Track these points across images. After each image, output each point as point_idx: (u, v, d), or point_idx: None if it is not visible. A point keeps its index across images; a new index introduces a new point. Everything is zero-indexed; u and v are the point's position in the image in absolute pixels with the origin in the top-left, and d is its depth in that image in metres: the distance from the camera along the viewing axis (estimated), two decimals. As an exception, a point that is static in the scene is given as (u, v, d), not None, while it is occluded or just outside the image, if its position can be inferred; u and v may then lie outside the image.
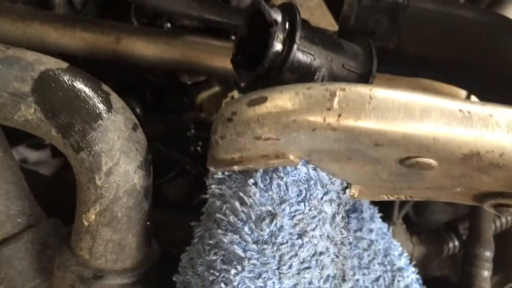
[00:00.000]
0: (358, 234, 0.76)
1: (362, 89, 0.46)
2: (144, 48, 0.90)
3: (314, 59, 0.55)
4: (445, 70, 0.65)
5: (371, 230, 0.77)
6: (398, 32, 0.64)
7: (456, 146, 0.46)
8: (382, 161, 0.50)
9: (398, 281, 0.77)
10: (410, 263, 0.80)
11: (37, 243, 0.64)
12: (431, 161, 0.48)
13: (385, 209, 0.84)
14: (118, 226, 0.56)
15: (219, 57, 0.94)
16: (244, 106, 0.48)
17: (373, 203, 0.80)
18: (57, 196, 0.81)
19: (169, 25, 1.00)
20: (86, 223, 0.56)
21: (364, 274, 0.76)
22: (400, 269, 0.77)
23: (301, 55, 0.54)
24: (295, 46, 0.53)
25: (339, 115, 0.46)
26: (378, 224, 0.78)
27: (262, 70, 0.54)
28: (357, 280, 0.75)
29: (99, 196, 0.55)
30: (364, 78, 0.59)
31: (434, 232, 0.94)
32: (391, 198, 0.62)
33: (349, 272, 0.59)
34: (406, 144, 0.47)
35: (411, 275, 0.79)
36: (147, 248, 0.61)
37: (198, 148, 1.01)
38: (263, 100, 0.47)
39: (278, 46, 0.53)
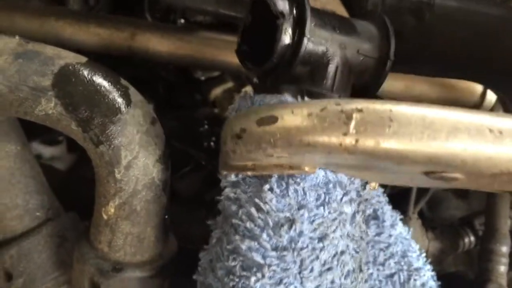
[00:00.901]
0: (376, 238, 0.75)
1: (380, 109, 0.42)
2: (159, 44, 0.90)
3: (327, 49, 0.51)
4: (471, 69, 0.64)
5: (390, 235, 0.76)
6: (425, 31, 0.62)
7: (486, 167, 0.43)
8: (405, 174, 0.48)
9: (415, 280, 0.76)
10: (426, 260, 0.79)
11: (55, 237, 0.65)
12: (458, 175, 0.45)
13: (401, 204, 0.83)
14: (137, 219, 0.57)
15: (232, 53, 0.93)
16: (253, 125, 0.45)
17: (388, 195, 0.79)
18: (72, 191, 0.82)
19: (182, 20, 1.00)
20: (105, 216, 0.57)
21: (378, 270, 0.75)
22: (417, 269, 0.77)
23: (312, 45, 0.50)
24: (305, 39, 0.49)
25: (357, 140, 0.42)
26: (399, 230, 0.77)
27: (271, 66, 0.51)
28: (371, 273, 0.74)
29: (118, 190, 0.55)
30: (382, 63, 0.55)
31: (450, 228, 0.94)
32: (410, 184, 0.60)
33: (363, 262, 0.59)
34: (431, 163, 0.43)
35: (427, 273, 0.78)
36: (165, 241, 0.61)
37: (212, 143, 1.01)
38: (273, 120, 0.44)
39: (286, 40, 0.50)
